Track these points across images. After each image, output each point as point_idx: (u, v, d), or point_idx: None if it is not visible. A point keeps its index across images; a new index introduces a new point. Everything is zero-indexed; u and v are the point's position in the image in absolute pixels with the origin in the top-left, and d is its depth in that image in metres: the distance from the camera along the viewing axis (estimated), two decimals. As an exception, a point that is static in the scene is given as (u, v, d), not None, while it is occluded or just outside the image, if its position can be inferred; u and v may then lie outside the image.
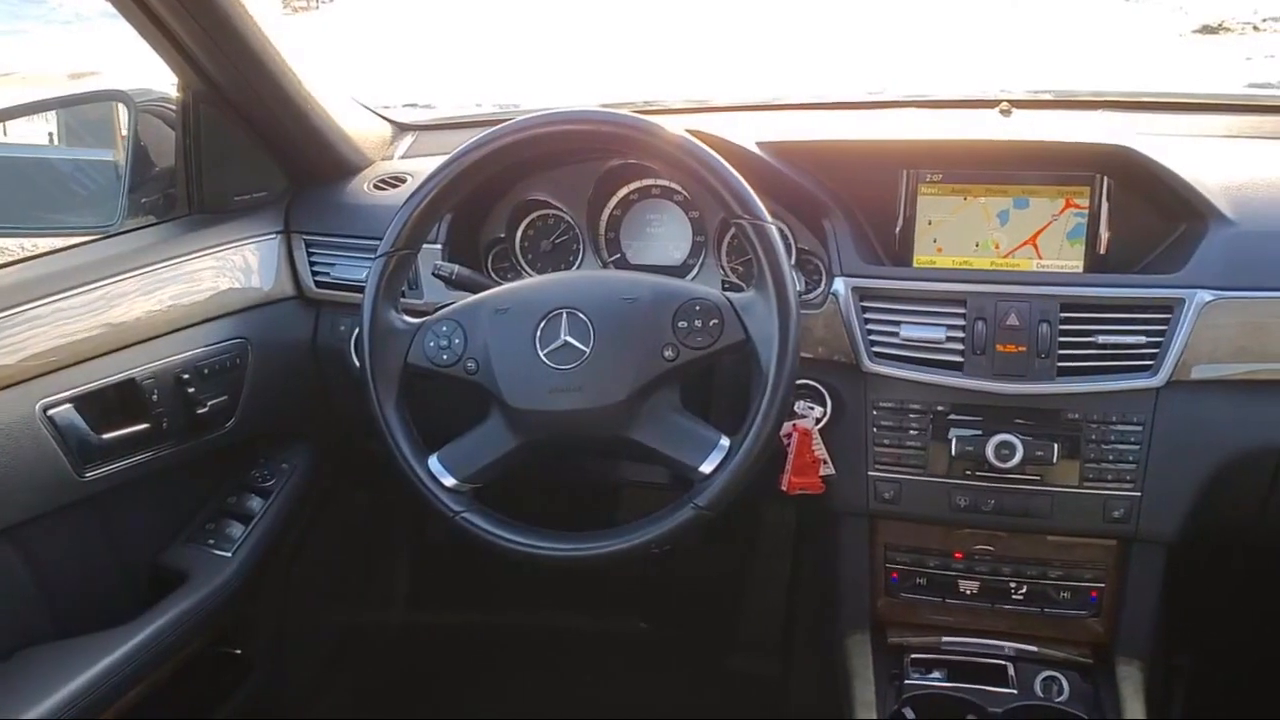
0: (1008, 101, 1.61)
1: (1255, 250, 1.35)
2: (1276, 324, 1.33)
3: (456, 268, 1.50)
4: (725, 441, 1.29)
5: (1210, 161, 1.46)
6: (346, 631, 2.19)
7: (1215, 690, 1.90)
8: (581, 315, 1.30)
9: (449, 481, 1.33)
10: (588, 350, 1.29)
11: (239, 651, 1.79)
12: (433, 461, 1.34)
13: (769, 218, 1.27)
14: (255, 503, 1.70)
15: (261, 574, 1.68)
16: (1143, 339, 1.35)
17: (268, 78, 1.55)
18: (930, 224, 1.50)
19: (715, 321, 1.28)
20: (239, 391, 1.62)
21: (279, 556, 1.78)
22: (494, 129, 1.33)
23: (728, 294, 1.30)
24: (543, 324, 1.31)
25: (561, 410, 1.30)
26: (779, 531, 2.16)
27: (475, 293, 1.40)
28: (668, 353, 1.28)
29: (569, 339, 1.30)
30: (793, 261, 1.56)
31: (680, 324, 1.28)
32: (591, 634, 2.23)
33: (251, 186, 1.73)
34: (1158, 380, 1.34)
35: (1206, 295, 1.33)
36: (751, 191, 1.27)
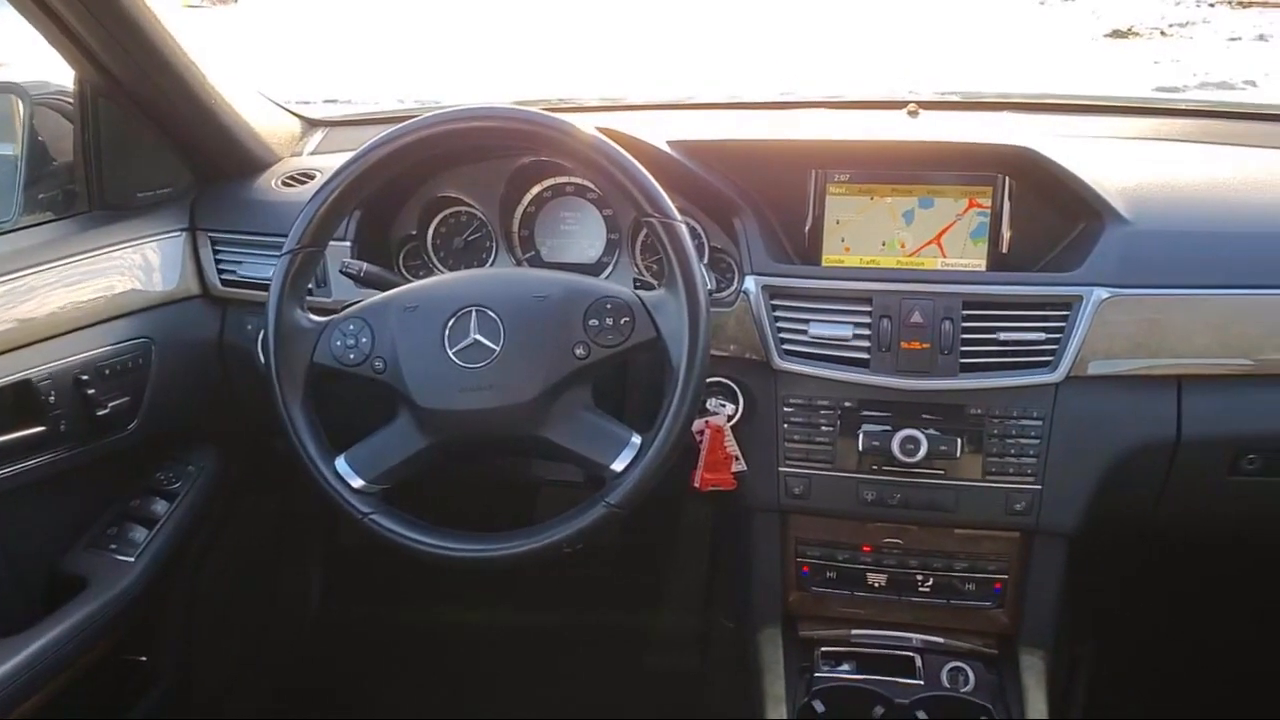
0: (915, 103, 1.64)
1: (1150, 249, 1.39)
2: (1169, 321, 1.37)
3: (365, 265, 1.48)
4: (637, 439, 1.29)
5: (1109, 162, 1.50)
6: (258, 635, 2.15)
7: (1116, 679, 1.95)
8: (491, 313, 1.29)
9: (356, 483, 1.32)
10: (497, 349, 1.28)
11: (143, 659, 1.75)
12: (340, 462, 1.32)
13: (679, 216, 1.27)
14: (160, 506, 1.66)
15: (166, 579, 1.64)
16: (1042, 336, 1.38)
17: (169, 72, 1.51)
18: (838, 223, 1.51)
19: (626, 320, 1.28)
20: (142, 392, 1.58)
21: (185, 560, 1.74)
22: (403, 125, 1.31)
23: (639, 292, 1.30)
24: (452, 322, 1.29)
25: (471, 409, 1.29)
26: (696, 528, 2.17)
27: (385, 291, 1.38)
28: (579, 351, 1.28)
29: (478, 337, 1.29)
30: (705, 260, 1.57)
31: (591, 322, 1.28)
32: (510, 632, 2.22)
33: (155, 183, 1.69)
34: (1056, 376, 1.38)
35: (1103, 293, 1.36)
36: (661, 190, 1.27)
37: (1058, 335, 1.38)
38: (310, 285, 1.47)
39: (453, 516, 1.35)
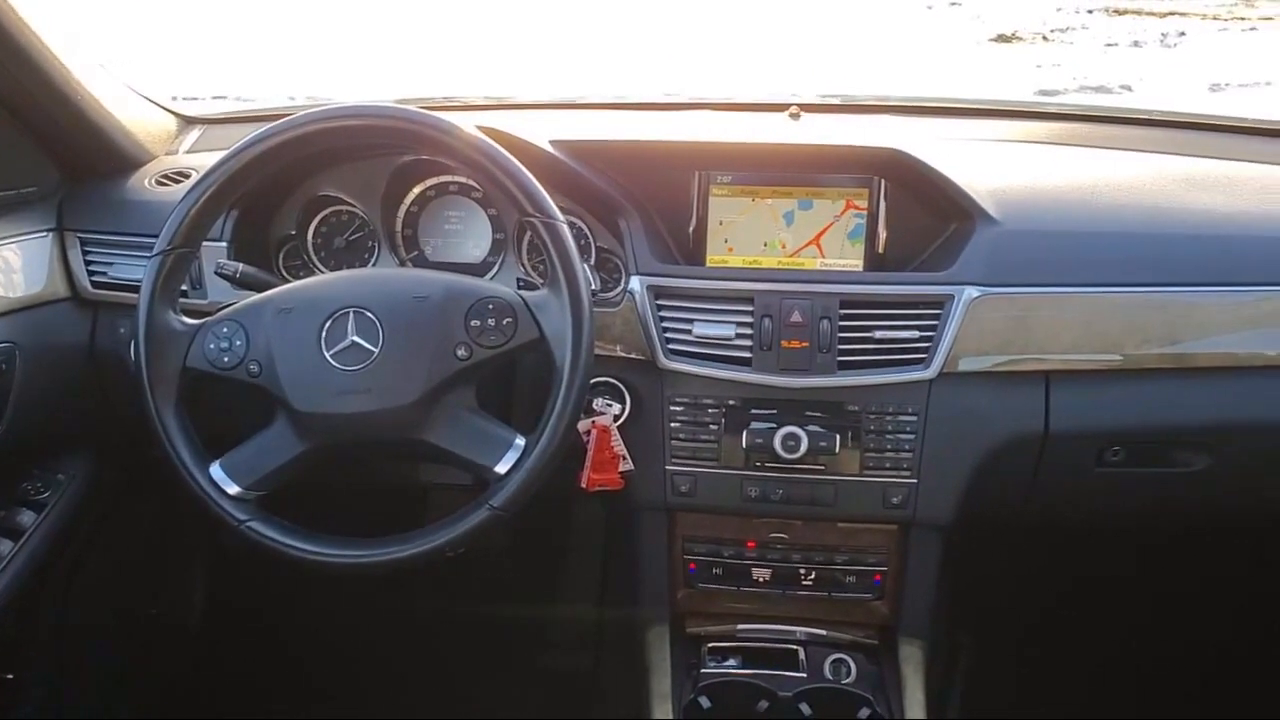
0: (798, 105, 1.67)
1: (1018, 249, 1.44)
2: (1037, 318, 1.42)
3: (241, 266, 1.45)
4: (521, 441, 1.29)
5: (981, 164, 1.55)
6: (136, 645, 2.09)
7: (995, 666, 2.02)
8: (369, 314, 1.28)
9: (233, 489, 1.29)
10: (376, 350, 1.27)
11: (10, 676, 1.68)
12: (215, 469, 1.29)
13: (560, 216, 1.28)
14: (26, 517, 1.60)
15: (34, 593, 1.58)
16: (916, 334, 1.42)
17: (27, 64, 1.45)
18: (721, 224, 1.53)
19: (509, 320, 1.28)
20: (6, 400, 1.52)
21: (55, 572, 1.67)
22: (278, 123, 1.29)
23: (521, 292, 1.30)
24: (329, 324, 1.27)
25: (349, 413, 1.27)
26: (588, 529, 2.18)
27: (262, 292, 1.35)
28: (460, 352, 1.27)
29: (356, 339, 1.27)
30: (592, 260, 1.57)
31: (473, 323, 1.27)
32: (400, 633, 2.20)
33: (18, 181, 1.62)
34: (930, 373, 1.42)
35: (973, 291, 1.41)
36: (542, 189, 1.27)
37: (931, 333, 1.41)
38: (184, 287, 1.43)
39: (341, 522, 1.33)
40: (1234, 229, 1.49)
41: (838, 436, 1.43)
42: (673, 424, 1.49)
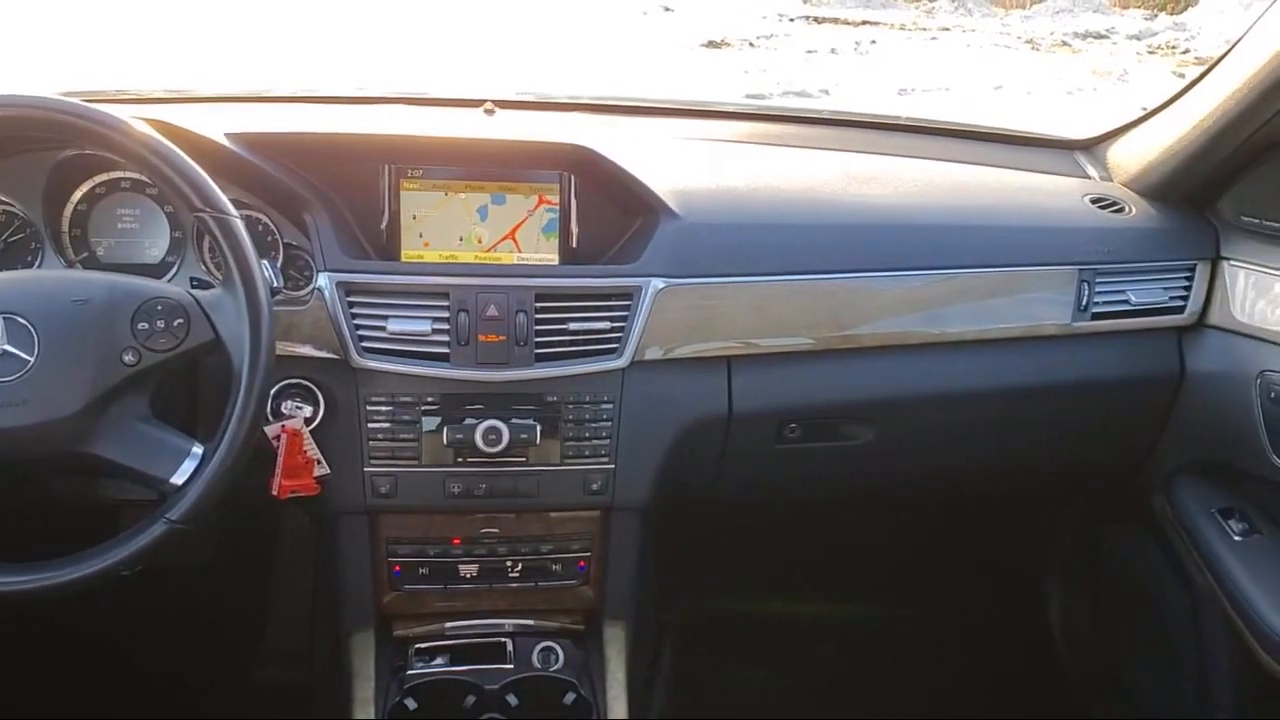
0: (492, 101, 1.68)
1: (699, 241, 1.51)
2: (718, 306, 1.50)
3: None
4: (199, 449, 1.23)
5: (669, 162, 1.62)
6: None
7: (701, 641, 2.12)
8: (23, 320, 1.18)
9: None
10: (32, 359, 1.17)
11: None
12: None
13: (233, 210, 1.23)
14: None
15: None
16: (608, 325, 1.46)
17: None
18: (415, 219, 1.52)
19: (180, 321, 1.21)
20: None
21: None
22: None
23: (194, 291, 1.24)
24: None
25: (4, 428, 1.17)
26: (298, 537, 2.10)
27: None
28: (128, 357, 1.20)
29: (8, 348, 1.17)
30: (280, 257, 1.51)
31: (141, 325, 1.20)
32: (105, 651, 2.04)
33: None
34: (622, 362, 1.47)
35: (659, 283, 1.47)
36: (211, 183, 1.22)
37: (622, 324, 1.46)
38: None
39: (43, 545, 1.22)
40: (896, 219, 1.63)
41: (539, 428, 1.45)
42: (370, 424, 1.46)
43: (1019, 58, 11.13)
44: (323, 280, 1.43)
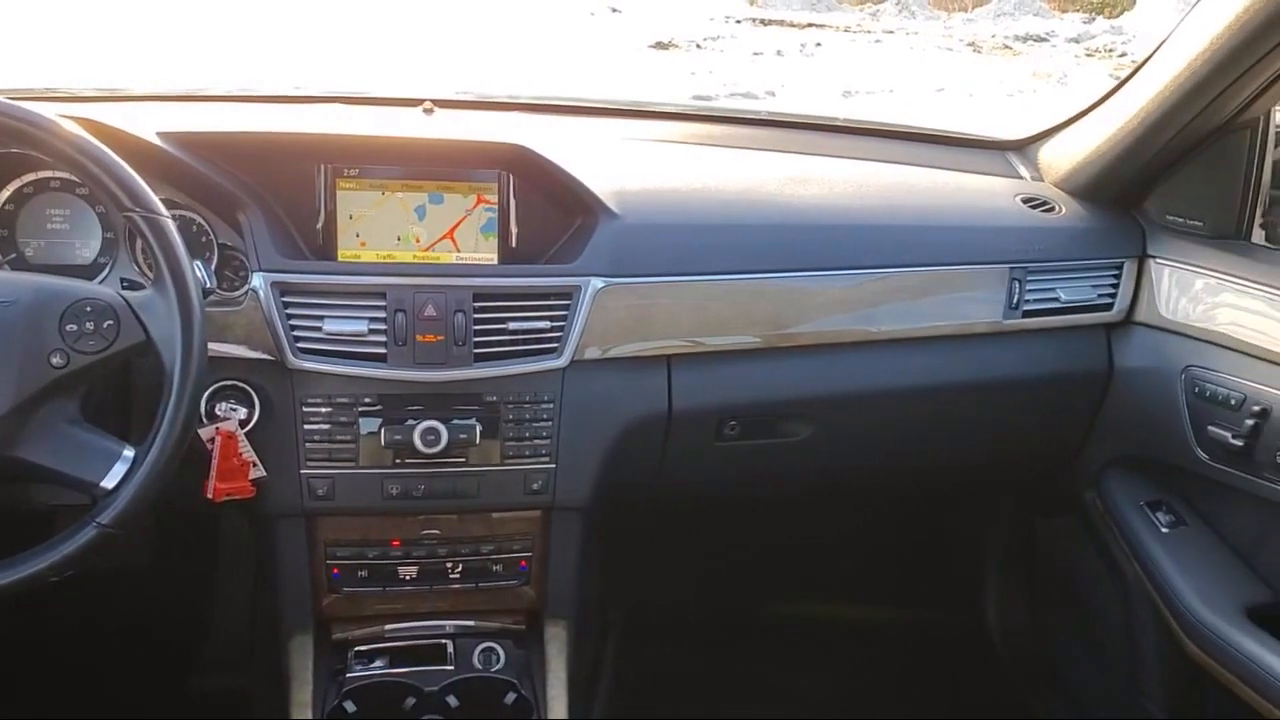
0: (431, 101, 1.67)
1: (638, 241, 1.52)
2: (657, 305, 1.51)
3: None
4: (130, 452, 1.21)
5: (609, 162, 1.62)
6: None
7: (645, 639, 2.12)
8: None
9: None
10: None
11: None
12: None
13: (163, 210, 1.21)
14: None
15: None
16: (548, 324, 1.46)
17: None
18: (352, 218, 1.51)
19: (110, 323, 1.20)
20: None
21: None
22: None
23: (125, 292, 1.22)
24: None
25: None
26: (237, 541, 2.08)
27: None
28: (55, 360, 1.18)
29: None
30: (214, 257, 1.49)
31: (69, 327, 1.18)
32: (40, 658, 2.00)
33: None
34: (562, 361, 1.47)
35: (599, 283, 1.47)
36: (141, 182, 1.21)
37: (562, 323, 1.46)
38: None
39: None
40: (831, 219, 1.65)
41: (478, 428, 1.44)
42: (306, 425, 1.45)
43: (961, 60, 11.30)
44: (257, 280, 1.42)
